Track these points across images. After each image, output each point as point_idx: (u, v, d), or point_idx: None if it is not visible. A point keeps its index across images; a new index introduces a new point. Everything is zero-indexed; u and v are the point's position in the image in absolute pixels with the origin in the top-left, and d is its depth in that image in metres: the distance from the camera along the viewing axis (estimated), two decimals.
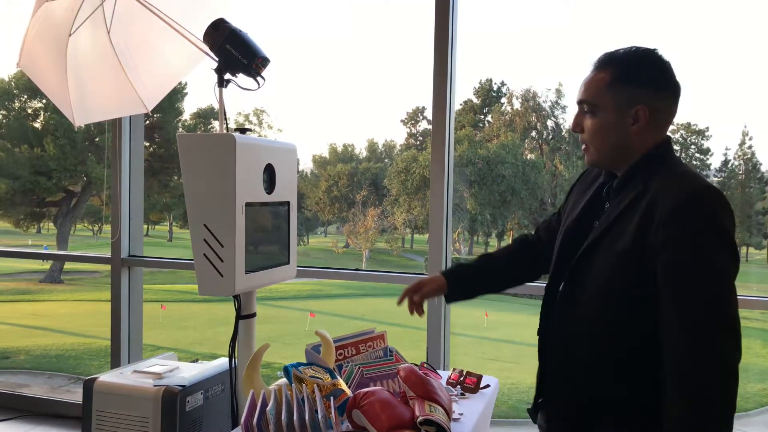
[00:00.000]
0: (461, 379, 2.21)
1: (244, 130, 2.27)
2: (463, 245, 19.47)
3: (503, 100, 20.49)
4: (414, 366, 1.93)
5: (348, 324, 13.00)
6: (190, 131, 17.32)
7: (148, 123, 15.76)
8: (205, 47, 2.36)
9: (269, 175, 2.37)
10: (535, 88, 19.89)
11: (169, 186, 18.32)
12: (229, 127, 2.43)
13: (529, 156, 19.58)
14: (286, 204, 2.52)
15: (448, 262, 3.26)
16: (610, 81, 1.50)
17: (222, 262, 2.17)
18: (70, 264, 17.39)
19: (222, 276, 2.18)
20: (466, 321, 13.80)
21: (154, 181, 17.65)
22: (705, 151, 18.45)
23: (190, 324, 14.43)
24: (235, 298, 2.35)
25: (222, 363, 2.89)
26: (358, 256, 20.54)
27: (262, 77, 2.34)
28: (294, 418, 1.66)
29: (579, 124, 1.57)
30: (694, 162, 18.23)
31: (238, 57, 2.27)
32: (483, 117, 20.52)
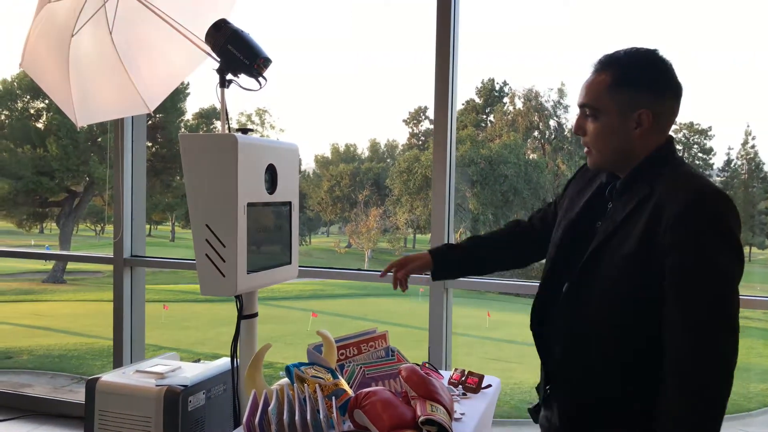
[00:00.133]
0: (463, 379, 2.21)
1: (245, 131, 2.28)
2: None
3: (505, 99, 20.49)
4: (415, 366, 1.93)
5: (350, 324, 13.00)
6: (192, 131, 17.34)
7: (150, 123, 15.80)
8: (207, 48, 2.37)
9: (271, 176, 2.37)
10: (537, 88, 19.91)
11: (171, 186, 18.36)
12: (231, 127, 2.43)
13: (532, 156, 19.58)
14: (288, 204, 2.52)
15: None
16: (611, 84, 1.49)
17: (224, 262, 2.17)
18: (72, 264, 17.43)
19: (224, 276, 2.18)
20: (468, 321, 13.81)
21: (156, 181, 17.70)
22: (708, 150, 18.44)
23: (192, 324, 14.46)
24: (237, 298, 2.35)
25: (224, 363, 2.89)
26: (361, 256, 20.55)
27: (264, 78, 2.34)
28: (296, 418, 1.66)
29: (581, 127, 1.56)
30: (697, 162, 18.21)
31: (239, 57, 2.27)
32: (485, 117, 20.52)
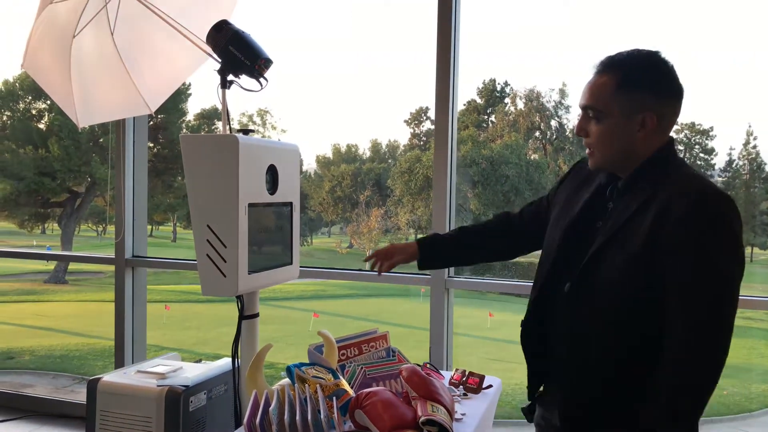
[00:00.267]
0: (464, 379, 2.22)
1: (246, 131, 2.28)
2: None
3: (507, 100, 20.48)
4: (416, 366, 1.93)
5: (351, 324, 13.01)
6: (193, 132, 17.35)
7: (151, 124, 15.82)
8: (208, 48, 2.37)
9: (272, 176, 2.38)
10: (538, 88, 19.89)
11: (173, 186, 18.36)
12: (232, 128, 2.43)
13: (533, 156, 19.56)
14: (289, 204, 2.52)
15: None
16: (615, 87, 1.49)
17: (225, 262, 2.17)
18: (74, 264, 17.43)
19: (225, 276, 2.18)
20: (469, 321, 13.80)
21: (158, 182, 17.70)
22: (709, 151, 18.40)
23: (193, 324, 14.47)
24: (238, 298, 2.36)
25: (225, 363, 2.89)
26: (362, 256, 20.54)
27: (265, 78, 2.34)
28: (297, 418, 1.66)
29: (584, 128, 1.56)
30: (698, 162, 18.18)
31: (240, 58, 2.27)
32: (486, 117, 20.51)
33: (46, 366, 11.57)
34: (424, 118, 21.24)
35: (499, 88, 20.45)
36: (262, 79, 2.34)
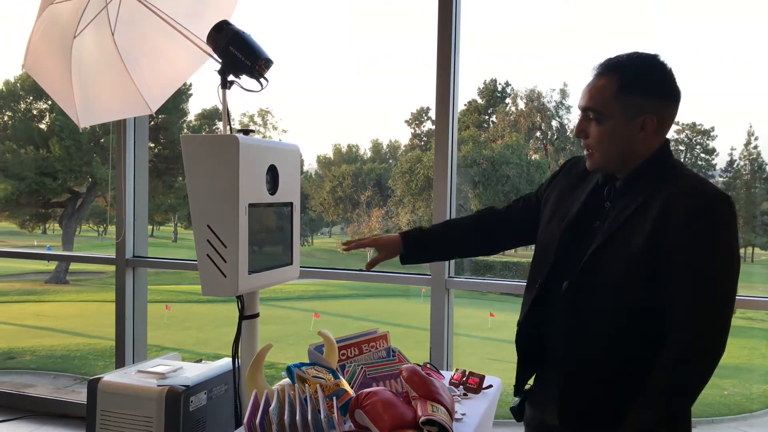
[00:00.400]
0: (464, 379, 2.22)
1: (247, 131, 2.28)
2: None
3: (508, 100, 20.48)
4: (416, 366, 1.93)
5: (352, 324, 13.01)
6: (194, 132, 17.37)
7: (152, 124, 15.83)
8: (209, 49, 2.37)
9: (272, 176, 2.38)
10: (539, 89, 19.90)
11: (173, 187, 18.38)
12: (232, 128, 2.43)
13: (534, 156, 19.57)
14: (290, 205, 2.52)
15: (452, 263, 3.26)
16: (617, 89, 1.50)
17: (225, 262, 2.17)
18: (75, 265, 17.46)
19: (225, 276, 2.18)
20: (470, 321, 13.80)
21: (158, 182, 17.71)
22: (710, 151, 18.39)
23: (194, 324, 14.47)
24: (239, 298, 2.36)
25: (225, 363, 2.90)
26: (363, 256, 20.54)
27: (266, 79, 2.34)
28: (297, 418, 1.66)
29: (584, 130, 1.57)
30: (700, 162, 18.17)
31: (241, 59, 2.27)
32: (487, 117, 20.51)
33: (47, 366, 11.58)
34: (425, 118, 21.25)
35: (500, 89, 20.46)
36: (262, 80, 2.34)
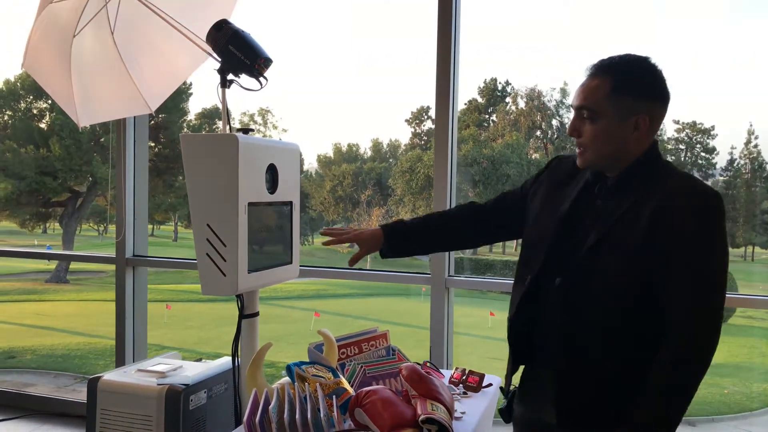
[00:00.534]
0: (464, 378, 2.22)
1: (246, 131, 2.28)
2: None
3: (508, 99, 20.48)
4: (416, 365, 1.93)
5: (353, 323, 13.02)
6: (194, 131, 17.37)
7: (152, 123, 15.82)
8: (208, 48, 2.37)
9: (272, 175, 2.38)
10: (539, 88, 19.89)
11: (174, 186, 18.37)
12: (232, 127, 2.43)
13: (534, 155, 19.57)
14: (289, 204, 2.52)
15: (452, 262, 3.26)
16: (611, 90, 1.53)
17: (225, 261, 2.18)
18: (75, 264, 17.46)
19: (225, 275, 2.18)
20: (470, 320, 13.80)
21: (159, 181, 17.71)
22: (710, 150, 18.37)
23: (194, 323, 14.48)
24: (238, 297, 2.36)
25: (225, 362, 2.90)
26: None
27: (265, 78, 2.34)
28: (296, 417, 1.66)
29: (577, 129, 1.59)
30: (700, 161, 18.16)
31: (240, 58, 2.27)
32: (488, 116, 20.51)
33: (47, 365, 11.59)
34: (426, 117, 21.24)
35: (500, 87, 20.46)
36: (261, 79, 2.34)
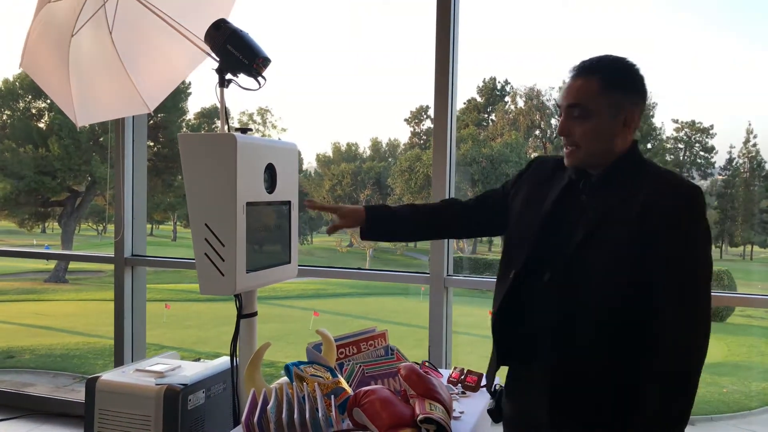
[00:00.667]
0: (462, 377, 2.22)
1: (245, 130, 2.28)
2: (466, 244, 19.47)
3: (507, 98, 20.50)
4: (415, 364, 1.93)
5: (352, 323, 13.01)
6: (193, 131, 17.36)
7: (151, 123, 15.81)
8: (207, 47, 2.37)
9: (270, 175, 2.38)
10: (538, 87, 19.90)
11: (173, 185, 18.37)
12: (230, 126, 2.43)
13: (533, 154, 19.58)
14: (288, 203, 2.52)
15: (451, 261, 3.26)
16: (600, 87, 1.56)
17: (223, 261, 2.17)
18: (74, 264, 17.44)
19: (223, 275, 2.18)
20: (469, 320, 13.80)
21: (158, 181, 17.71)
22: (709, 149, 18.39)
23: (193, 323, 14.47)
24: (237, 297, 2.36)
25: (224, 362, 2.90)
26: (362, 255, 20.57)
27: (263, 77, 2.34)
28: (294, 417, 1.66)
29: (568, 128, 1.59)
30: (699, 160, 18.17)
31: (238, 57, 2.27)
32: (487, 116, 20.53)
33: (46, 365, 11.57)
34: (425, 116, 21.26)
35: (499, 87, 20.48)
36: (260, 78, 2.34)
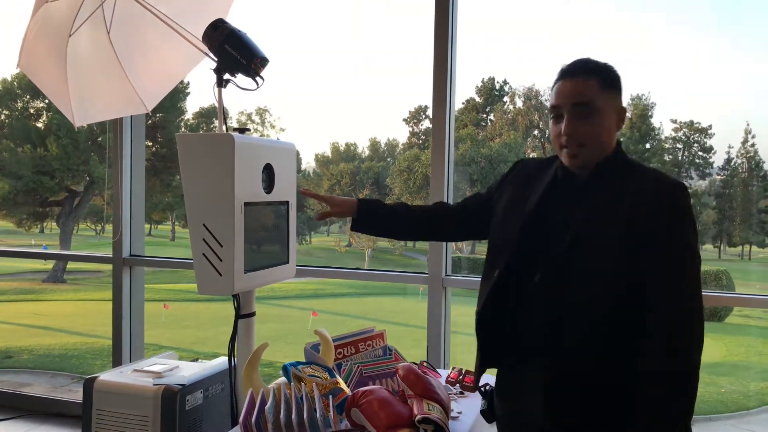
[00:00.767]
0: (460, 377, 2.22)
1: (243, 130, 2.28)
2: (465, 244, 19.46)
3: (506, 98, 20.49)
4: (413, 365, 1.93)
5: (350, 323, 13.01)
6: (192, 131, 17.34)
7: (150, 123, 15.79)
8: (204, 47, 2.37)
9: (268, 175, 2.38)
10: (537, 87, 19.90)
11: (171, 185, 18.35)
12: (228, 126, 2.43)
13: (532, 155, 19.57)
14: (286, 203, 2.52)
15: (449, 261, 3.26)
16: (600, 86, 1.58)
17: (221, 261, 2.17)
18: (72, 264, 17.40)
19: (221, 275, 2.18)
20: (467, 320, 13.78)
21: (156, 181, 17.69)
22: (708, 149, 18.39)
23: (192, 323, 14.46)
24: (235, 297, 2.36)
25: (222, 362, 2.90)
26: (361, 255, 20.56)
27: (261, 77, 2.34)
28: (292, 417, 1.66)
29: (574, 127, 1.57)
30: (697, 160, 18.18)
31: (236, 57, 2.27)
32: (485, 116, 20.51)
33: (44, 365, 11.56)
34: (423, 116, 21.24)
35: (497, 87, 20.47)
36: (258, 78, 2.34)
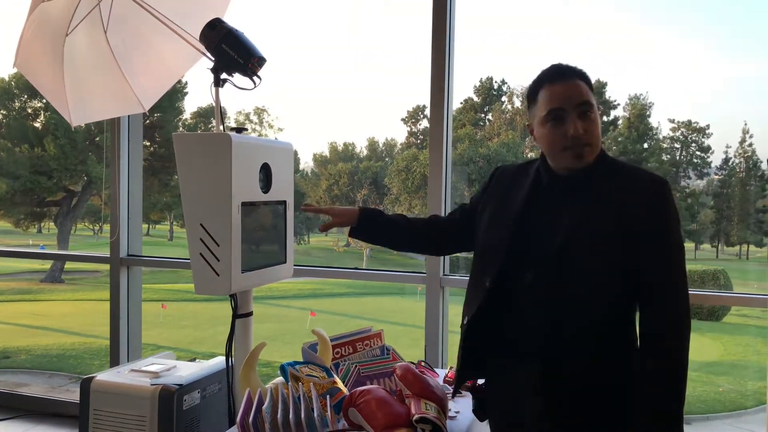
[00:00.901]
0: None
1: (240, 130, 2.28)
2: None
3: (504, 98, 20.49)
4: (410, 364, 1.93)
5: (348, 323, 13.00)
6: (190, 130, 17.32)
7: (148, 122, 15.78)
8: (202, 47, 2.37)
9: (265, 175, 2.37)
10: None
11: (169, 185, 18.32)
12: (225, 126, 2.43)
13: (530, 154, 19.58)
14: (283, 203, 2.52)
15: (447, 262, 3.26)
16: (589, 88, 1.63)
17: (218, 261, 2.17)
18: (70, 264, 17.37)
19: (218, 275, 2.18)
20: None
21: (154, 181, 17.65)
22: (706, 149, 18.40)
23: (190, 323, 14.44)
24: (232, 297, 2.35)
25: (219, 362, 2.89)
26: (359, 254, 20.55)
27: (259, 77, 2.34)
28: (290, 417, 1.66)
29: (584, 127, 1.59)
30: (695, 160, 18.19)
31: (234, 56, 2.27)
32: (483, 115, 20.52)
33: (42, 365, 11.54)
34: (422, 116, 21.22)
35: (496, 87, 20.47)
36: (255, 78, 2.34)
